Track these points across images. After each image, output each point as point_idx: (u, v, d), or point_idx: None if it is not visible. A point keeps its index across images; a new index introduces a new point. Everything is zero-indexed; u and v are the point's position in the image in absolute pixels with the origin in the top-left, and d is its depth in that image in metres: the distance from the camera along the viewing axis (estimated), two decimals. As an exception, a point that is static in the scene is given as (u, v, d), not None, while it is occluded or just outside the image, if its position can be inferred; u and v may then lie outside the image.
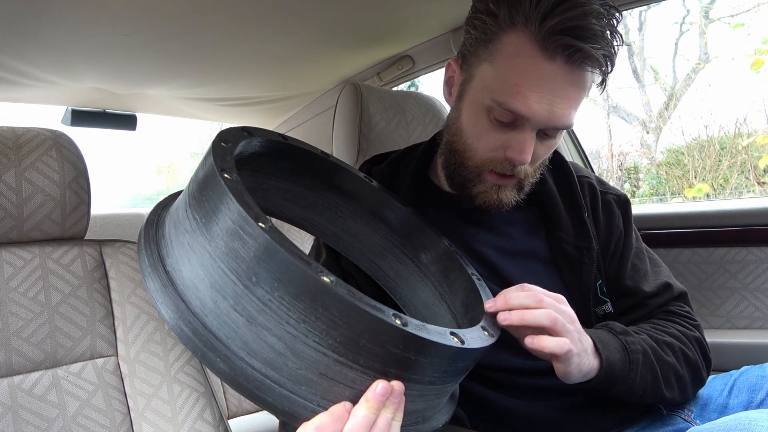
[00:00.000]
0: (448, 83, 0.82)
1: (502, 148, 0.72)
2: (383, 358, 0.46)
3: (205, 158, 0.54)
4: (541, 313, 0.61)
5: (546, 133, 0.72)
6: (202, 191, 0.51)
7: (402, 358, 0.47)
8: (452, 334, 0.51)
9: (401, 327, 0.46)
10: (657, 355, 0.72)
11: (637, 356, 0.70)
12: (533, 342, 0.62)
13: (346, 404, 0.47)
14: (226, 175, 0.50)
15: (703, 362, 0.78)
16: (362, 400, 0.47)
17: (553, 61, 0.66)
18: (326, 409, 0.47)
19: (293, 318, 0.45)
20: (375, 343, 0.46)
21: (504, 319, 0.61)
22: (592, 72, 0.69)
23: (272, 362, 0.46)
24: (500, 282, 0.79)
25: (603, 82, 0.73)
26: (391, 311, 0.46)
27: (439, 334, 0.49)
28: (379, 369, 0.47)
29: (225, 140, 0.57)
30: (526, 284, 0.65)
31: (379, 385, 0.47)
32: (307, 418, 0.47)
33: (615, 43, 0.68)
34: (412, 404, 0.51)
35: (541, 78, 0.67)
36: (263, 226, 0.45)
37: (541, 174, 0.81)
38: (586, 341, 0.66)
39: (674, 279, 0.86)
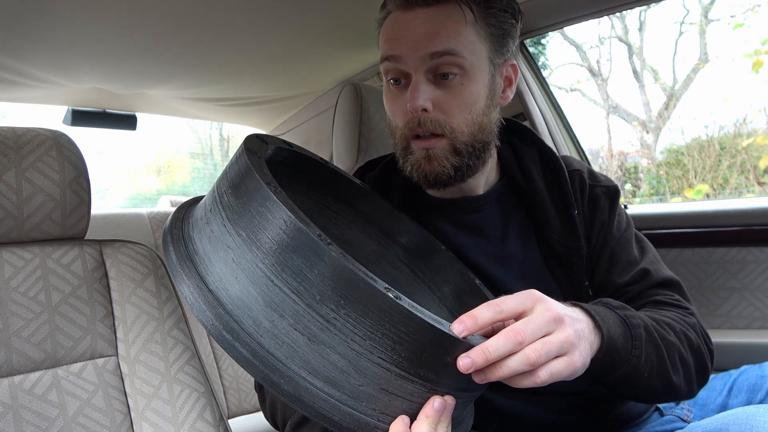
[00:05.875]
0: None
1: (406, 108, 0.75)
2: (440, 369, 0.47)
3: (240, 166, 0.52)
4: (519, 361, 0.50)
5: (440, 74, 0.73)
6: (246, 205, 0.49)
7: (455, 368, 0.48)
8: (484, 337, 0.52)
9: (460, 338, 0.47)
10: (659, 333, 0.66)
11: (639, 330, 0.63)
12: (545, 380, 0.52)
13: (405, 419, 0.48)
14: (273, 188, 0.48)
15: (706, 349, 0.72)
16: (422, 417, 0.48)
17: (410, 11, 0.74)
18: (384, 422, 0.47)
19: (359, 335, 0.45)
20: (436, 356, 0.46)
21: (482, 380, 0.50)
22: (455, 1, 0.73)
23: (334, 380, 0.46)
24: (494, 290, 0.77)
25: (477, 7, 0.74)
26: (447, 323, 0.47)
27: (478, 340, 0.50)
28: (435, 380, 0.48)
29: (252, 150, 0.56)
30: (493, 303, 0.53)
31: (436, 401, 0.48)
32: None
33: None
34: (454, 411, 0.52)
35: (402, 27, 0.74)
36: (330, 243, 0.45)
37: (495, 144, 0.80)
38: (581, 325, 0.57)
39: (663, 266, 0.81)
